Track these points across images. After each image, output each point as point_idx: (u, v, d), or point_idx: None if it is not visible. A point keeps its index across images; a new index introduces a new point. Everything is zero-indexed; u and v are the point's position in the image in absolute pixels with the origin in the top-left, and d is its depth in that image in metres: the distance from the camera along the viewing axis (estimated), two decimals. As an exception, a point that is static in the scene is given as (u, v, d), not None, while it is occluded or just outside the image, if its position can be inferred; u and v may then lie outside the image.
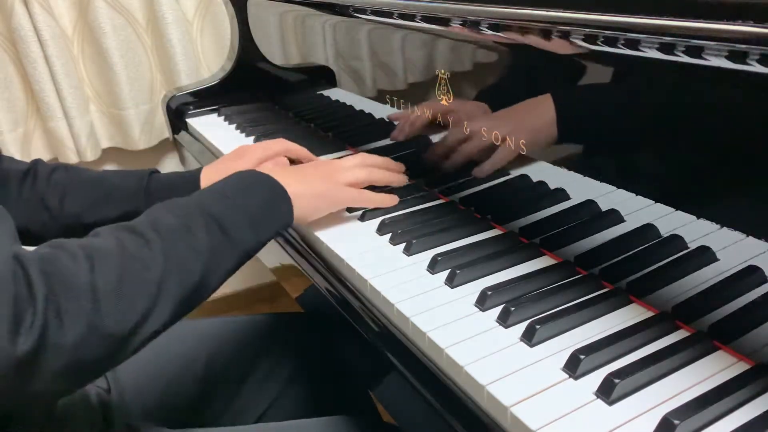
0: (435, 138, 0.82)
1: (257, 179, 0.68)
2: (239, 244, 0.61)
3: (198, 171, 0.87)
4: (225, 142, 1.12)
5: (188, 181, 0.87)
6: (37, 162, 0.84)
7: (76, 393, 0.69)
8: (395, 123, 0.90)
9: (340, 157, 0.84)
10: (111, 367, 0.54)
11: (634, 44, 0.51)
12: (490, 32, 0.66)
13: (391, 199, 0.79)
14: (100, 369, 0.53)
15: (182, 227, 0.58)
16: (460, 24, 0.70)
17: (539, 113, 0.65)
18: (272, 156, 0.90)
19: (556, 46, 0.59)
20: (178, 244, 0.56)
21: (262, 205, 0.65)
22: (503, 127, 0.69)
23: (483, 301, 0.58)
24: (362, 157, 0.81)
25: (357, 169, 0.77)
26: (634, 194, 0.58)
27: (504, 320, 0.56)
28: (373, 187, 0.79)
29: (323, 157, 0.97)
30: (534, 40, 0.61)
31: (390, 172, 0.81)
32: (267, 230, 0.64)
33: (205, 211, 0.60)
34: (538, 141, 0.66)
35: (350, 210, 0.79)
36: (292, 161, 0.91)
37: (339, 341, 0.88)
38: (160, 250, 0.55)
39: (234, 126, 1.20)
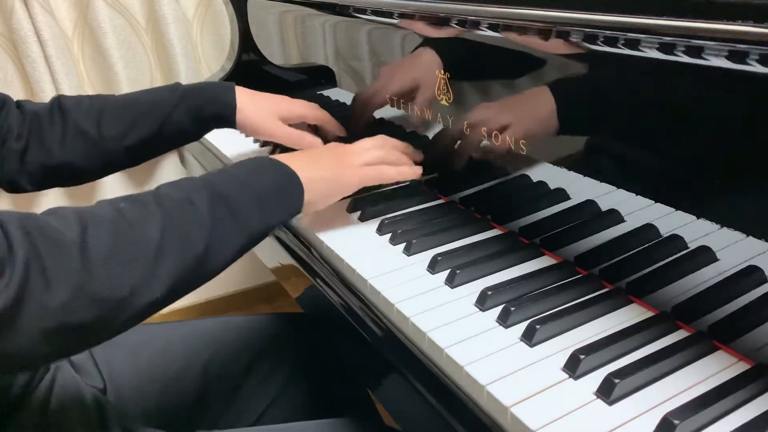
0: (434, 138, 0.82)
1: (269, 163, 0.66)
2: (245, 224, 0.59)
3: (231, 84, 0.88)
4: (225, 142, 1.12)
5: (224, 89, 0.87)
6: (59, 97, 0.83)
7: (70, 393, 0.69)
8: (395, 123, 0.90)
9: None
10: (101, 336, 0.51)
11: (634, 44, 0.51)
12: (490, 32, 0.66)
13: (413, 171, 0.76)
14: (89, 336, 0.51)
15: (185, 200, 0.56)
16: (459, 24, 0.70)
17: (539, 113, 0.65)
18: (313, 120, 0.92)
19: (556, 46, 0.59)
20: (180, 215, 0.55)
21: (271, 188, 0.63)
22: (503, 127, 0.69)
23: (483, 301, 0.58)
24: (382, 139, 0.78)
25: (372, 149, 0.75)
26: (634, 194, 0.58)
27: (504, 320, 0.56)
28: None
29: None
30: (534, 41, 0.61)
31: (406, 156, 0.78)
32: (275, 214, 0.63)
33: (212, 188, 0.59)
34: (538, 141, 0.66)
35: (350, 210, 0.78)
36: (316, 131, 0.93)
37: (339, 341, 0.88)
38: (160, 218, 0.53)
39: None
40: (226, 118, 0.87)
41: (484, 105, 0.72)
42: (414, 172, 0.76)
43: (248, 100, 0.88)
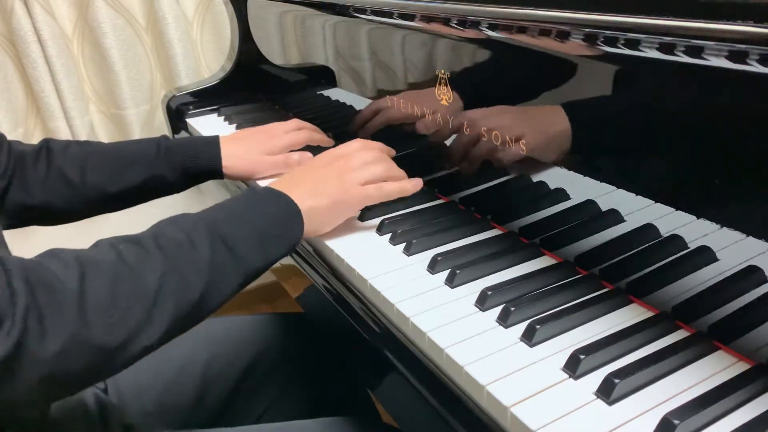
0: (435, 138, 0.82)
1: (270, 195, 0.65)
2: (244, 263, 0.59)
3: (216, 138, 0.89)
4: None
5: (209, 144, 0.88)
6: (48, 140, 0.84)
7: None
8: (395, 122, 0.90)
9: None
10: (97, 380, 0.52)
11: (634, 44, 0.51)
12: (490, 32, 0.66)
13: (414, 184, 0.74)
14: (83, 381, 0.51)
15: (186, 241, 0.56)
16: (460, 24, 0.70)
17: (539, 114, 0.65)
18: (299, 146, 0.92)
19: (556, 46, 0.59)
20: (180, 258, 0.54)
21: (272, 223, 0.62)
22: (503, 127, 0.69)
23: (483, 301, 0.58)
24: (378, 151, 0.75)
25: (373, 166, 0.72)
26: (634, 194, 0.58)
27: (504, 320, 0.56)
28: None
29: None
30: (533, 41, 0.61)
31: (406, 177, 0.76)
32: (275, 250, 0.62)
33: (213, 228, 0.58)
34: (538, 141, 0.66)
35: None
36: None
37: (339, 341, 0.88)
38: (160, 263, 0.53)
39: (234, 126, 1.20)
40: (213, 173, 0.88)
41: (483, 105, 0.72)
42: (414, 186, 0.74)
43: (233, 151, 0.89)
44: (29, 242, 1.21)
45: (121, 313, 0.49)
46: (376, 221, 0.75)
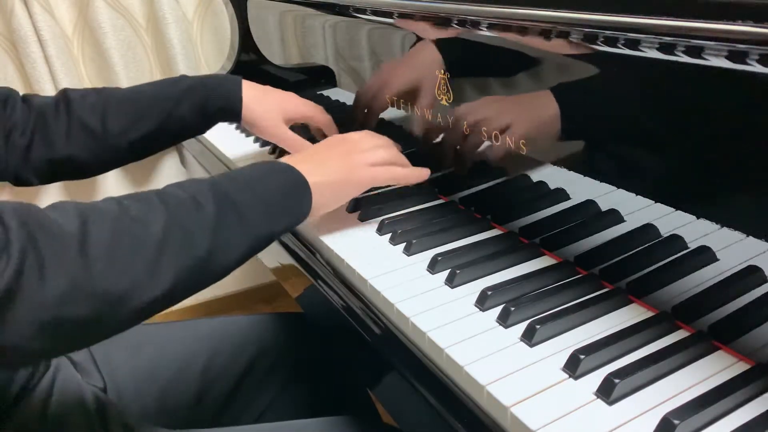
0: (434, 138, 0.82)
1: (278, 167, 0.65)
2: (251, 227, 0.58)
3: (238, 78, 0.88)
4: (225, 142, 1.12)
5: (230, 82, 0.87)
6: (65, 90, 0.84)
7: (71, 392, 0.69)
8: (396, 122, 0.90)
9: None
10: (99, 333, 0.50)
11: (634, 44, 0.51)
12: (490, 32, 0.66)
13: (421, 173, 0.75)
14: (86, 333, 0.49)
15: (191, 199, 0.55)
16: (460, 24, 0.70)
17: (539, 114, 0.65)
18: (314, 118, 0.92)
19: (556, 46, 0.59)
20: (185, 214, 0.54)
21: (279, 193, 0.62)
22: (503, 127, 0.69)
23: (483, 301, 0.58)
24: (386, 139, 0.76)
25: (381, 149, 0.73)
26: (634, 194, 0.58)
27: (504, 320, 0.56)
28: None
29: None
30: (534, 41, 0.61)
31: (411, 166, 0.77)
32: (282, 219, 0.62)
33: (219, 190, 0.57)
34: (538, 141, 0.66)
35: (350, 210, 0.78)
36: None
37: (339, 341, 0.88)
38: (163, 216, 0.52)
39: (234, 126, 1.20)
40: (232, 113, 0.87)
41: (484, 105, 0.72)
42: (421, 174, 0.75)
43: (255, 97, 0.88)
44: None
45: (124, 260, 0.48)
46: (376, 221, 0.75)
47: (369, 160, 0.71)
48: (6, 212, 0.45)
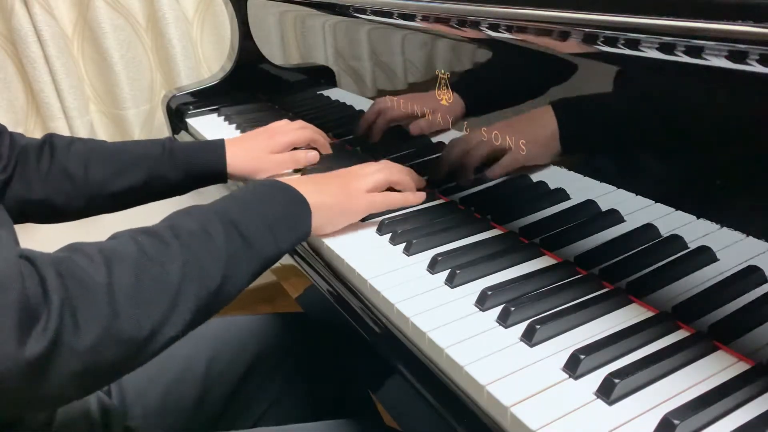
0: (435, 138, 0.82)
1: (278, 187, 0.67)
2: (259, 251, 0.60)
3: (221, 141, 0.90)
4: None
5: (215, 147, 0.88)
6: (51, 135, 0.84)
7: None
8: (395, 122, 0.90)
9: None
10: (126, 371, 0.52)
11: (634, 44, 0.51)
12: (490, 32, 0.66)
13: (416, 197, 0.77)
14: (115, 373, 0.52)
15: (202, 232, 0.56)
16: (460, 24, 0.70)
17: (539, 114, 0.65)
18: (302, 143, 0.93)
19: (556, 46, 0.59)
20: (198, 248, 0.55)
21: (282, 213, 0.64)
22: (503, 128, 0.69)
23: (483, 301, 0.58)
24: (384, 163, 0.79)
25: (377, 173, 0.75)
26: (634, 194, 0.58)
27: (504, 320, 0.56)
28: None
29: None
30: (533, 40, 0.61)
31: (409, 178, 0.78)
32: (287, 238, 0.63)
33: (225, 217, 0.59)
34: (538, 141, 0.66)
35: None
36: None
37: (339, 341, 0.88)
38: (180, 253, 0.54)
39: (234, 126, 1.20)
40: (216, 176, 0.89)
41: (483, 106, 0.72)
42: (417, 198, 0.77)
43: (237, 151, 0.89)
44: (33, 240, 1.20)
45: (148, 303, 0.50)
46: (376, 221, 0.75)
47: (367, 185, 0.73)
48: (44, 265, 0.46)
